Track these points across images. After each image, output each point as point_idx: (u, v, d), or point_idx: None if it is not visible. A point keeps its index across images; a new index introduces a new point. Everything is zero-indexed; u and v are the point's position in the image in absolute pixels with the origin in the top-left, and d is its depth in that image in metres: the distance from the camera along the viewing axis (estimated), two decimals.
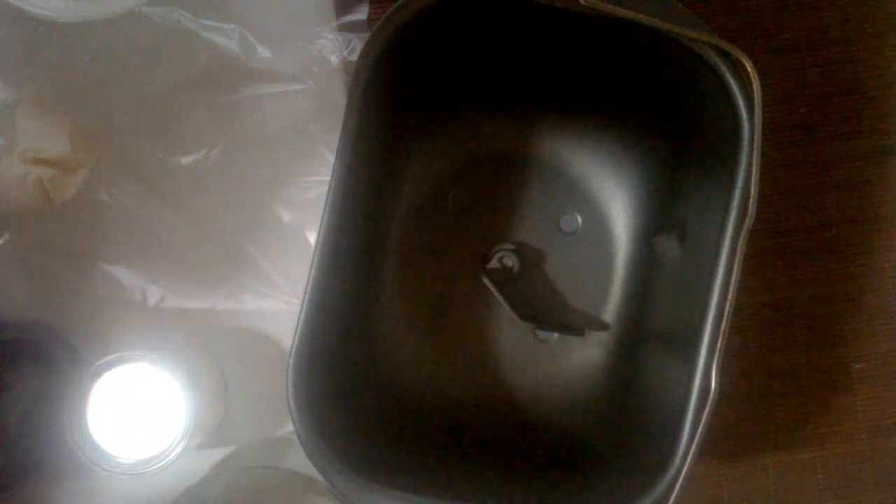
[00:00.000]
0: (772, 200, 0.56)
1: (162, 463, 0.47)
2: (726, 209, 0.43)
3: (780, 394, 0.56)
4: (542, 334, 0.54)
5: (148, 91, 0.54)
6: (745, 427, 0.56)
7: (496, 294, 0.53)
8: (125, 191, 0.54)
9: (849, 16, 0.56)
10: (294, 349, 0.45)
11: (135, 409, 0.48)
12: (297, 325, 0.44)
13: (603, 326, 0.54)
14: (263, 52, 0.53)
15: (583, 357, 0.54)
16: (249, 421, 0.55)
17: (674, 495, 0.42)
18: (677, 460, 0.42)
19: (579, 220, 0.54)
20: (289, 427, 0.55)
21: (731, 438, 0.56)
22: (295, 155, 0.54)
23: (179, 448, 0.47)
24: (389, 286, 0.54)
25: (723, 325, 0.43)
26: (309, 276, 0.44)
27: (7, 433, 0.52)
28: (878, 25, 0.56)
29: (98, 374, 0.48)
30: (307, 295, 0.44)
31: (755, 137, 0.42)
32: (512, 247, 0.54)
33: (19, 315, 0.54)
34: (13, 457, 0.53)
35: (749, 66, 0.42)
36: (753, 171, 0.42)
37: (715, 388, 0.42)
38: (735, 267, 0.43)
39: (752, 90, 0.42)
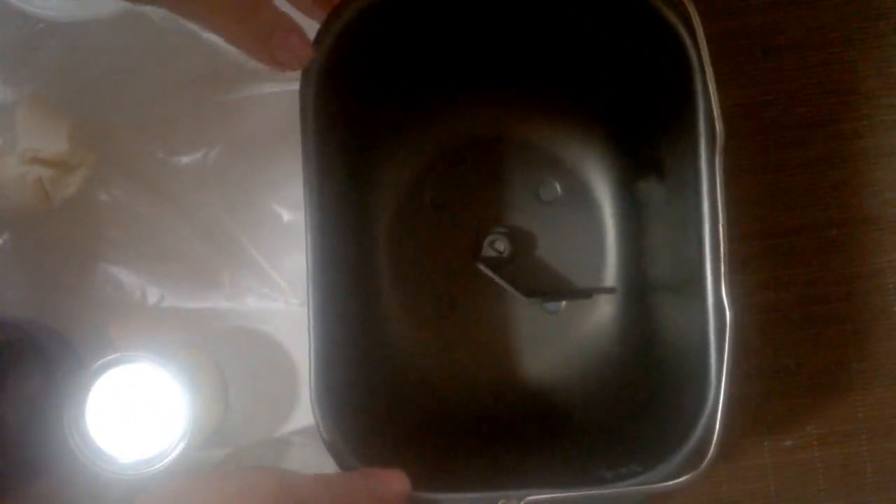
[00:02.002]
0: (772, 200, 0.56)
1: (162, 463, 0.47)
2: (695, 135, 0.43)
3: (780, 394, 0.56)
4: (550, 307, 0.55)
5: (148, 91, 0.54)
6: (745, 427, 0.56)
7: (496, 278, 0.53)
8: (125, 191, 0.54)
9: (849, 16, 0.56)
10: (312, 374, 0.44)
11: (134, 410, 0.48)
12: (310, 349, 0.44)
13: (607, 286, 0.54)
14: None
15: (595, 319, 0.54)
16: (249, 421, 0.55)
17: (716, 434, 0.42)
18: (711, 396, 0.43)
19: (557, 187, 0.55)
20: (288, 427, 0.55)
21: (731, 439, 0.56)
22: (295, 154, 0.54)
23: (179, 448, 0.47)
24: (389, 292, 0.54)
25: (721, 249, 0.43)
26: (308, 282, 0.45)
27: (7, 433, 0.52)
28: (879, 25, 0.56)
29: (98, 374, 0.48)
30: (311, 316, 0.44)
31: (703, 57, 0.42)
32: (501, 230, 0.54)
33: (19, 315, 0.54)
34: (13, 457, 0.53)
35: None
36: (711, 91, 0.42)
37: (731, 313, 0.42)
38: (718, 189, 0.43)
39: (689, 14, 0.43)
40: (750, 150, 0.56)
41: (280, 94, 0.54)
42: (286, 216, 0.54)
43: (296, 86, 0.53)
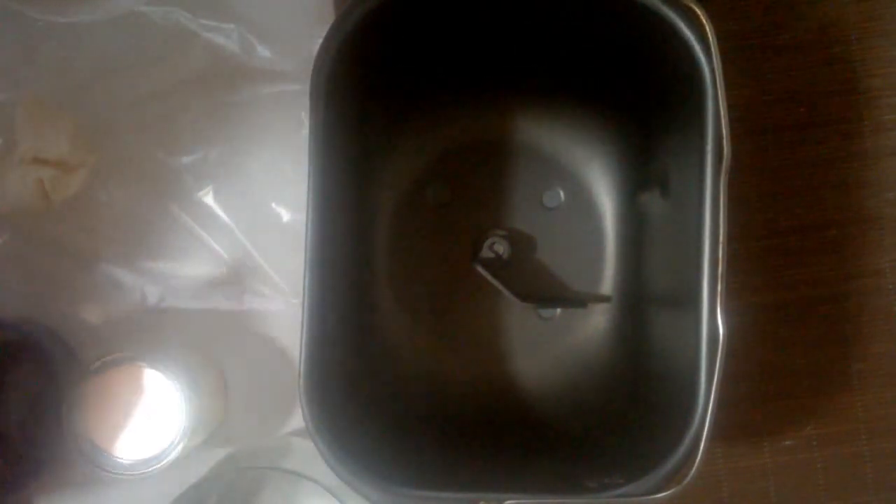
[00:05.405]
0: (772, 200, 0.56)
1: (162, 463, 0.47)
2: (702, 154, 0.43)
3: (780, 394, 0.56)
4: (545, 313, 0.55)
5: (148, 91, 0.54)
6: (745, 427, 0.56)
7: (493, 281, 0.53)
8: (125, 191, 0.54)
9: (849, 16, 0.56)
10: (302, 367, 0.44)
11: (134, 409, 0.48)
12: (301, 346, 0.45)
13: (603, 294, 0.54)
14: (263, 51, 0.53)
15: (589, 328, 0.54)
16: (249, 421, 0.55)
17: (700, 450, 0.42)
18: (698, 413, 0.43)
19: (561, 194, 0.55)
20: (288, 427, 0.55)
21: (731, 438, 0.56)
22: (294, 154, 0.54)
23: (179, 448, 0.47)
24: (385, 289, 0.54)
25: (719, 268, 0.43)
26: (304, 288, 0.45)
27: (7, 434, 0.52)
28: (879, 25, 0.56)
29: (98, 374, 0.48)
30: (305, 309, 0.45)
31: (717, 78, 0.42)
32: (501, 232, 0.54)
33: (19, 315, 0.54)
34: (13, 457, 0.53)
35: (699, 11, 0.42)
36: (721, 112, 0.42)
37: (724, 332, 0.42)
38: (721, 209, 0.43)
39: (705, 33, 0.43)
40: (750, 150, 0.56)
41: (280, 94, 0.54)
42: (286, 216, 0.54)
43: (296, 86, 0.54)
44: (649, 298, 0.52)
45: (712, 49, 0.42)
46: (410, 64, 0.51)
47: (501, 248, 0.54)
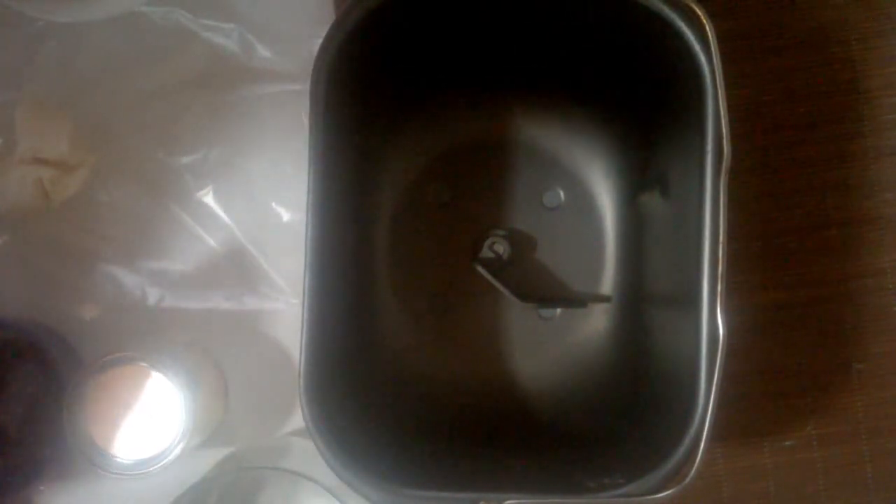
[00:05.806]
0: (772, 200, 0.56)
1: (162, 463, 0.47)
2: (702, 154, 0.43)
3: (780, 394, 0.56)
4: (545, 312, 0.55)
5: (148, 91, 0.54)
6: (745, 427, 0.56)
7: (493, 281, 0.53)
8: (125, 191, 0.54)
9: (849, 16, 0.56)
10: (302, 367, 0.44)
11: (134, 409, 0.48)
12: (301, 346, 0.45)
13: (603, 294, 0.54)
14: (263, 51, 0.54)
15: (589, 328, 0.54)
16: (249, 421, 0.55)
17: (700, 450, 0.42)
18: (698, 413, 0.43)
19: (561, 194, 0.55)
20: (288, 427, 0.55)
21: (731, 439, 0.56)
22: (295, 154, 0.54)
23: (179, 448, 0.47)
24: (386, 289, 0.54)
25: (719, 268, 0.43)
26: (304, 288, 0.45)
27: (7, 433, 0.52)
28: (879, 25, 0.56)
29: (97, 374, 0.48)
30: (305, 309, 0.45)
31: (717, 78, 0.42)
32: (501, 232, 0.54)
33: (19, 315, 0.54)
34: (13, 457, 0.53)
35: (699, 10, 0.43)
36: (721, 112, 0.42)
37: (724, 332, 0.42)
38: (721, 209, 0.43)
39: (705, 33, 0.43)
40: (750, 149, 0.56)
41: (280, 94, 0.54)
42: (286, 216, 0.55)
43: (296, 86, 0.54)
44: (649, 298, 0.52)
45: (712, 49, 0.42)
46: (410, 64, 0.51)
47: (501, 248, 0.54)
